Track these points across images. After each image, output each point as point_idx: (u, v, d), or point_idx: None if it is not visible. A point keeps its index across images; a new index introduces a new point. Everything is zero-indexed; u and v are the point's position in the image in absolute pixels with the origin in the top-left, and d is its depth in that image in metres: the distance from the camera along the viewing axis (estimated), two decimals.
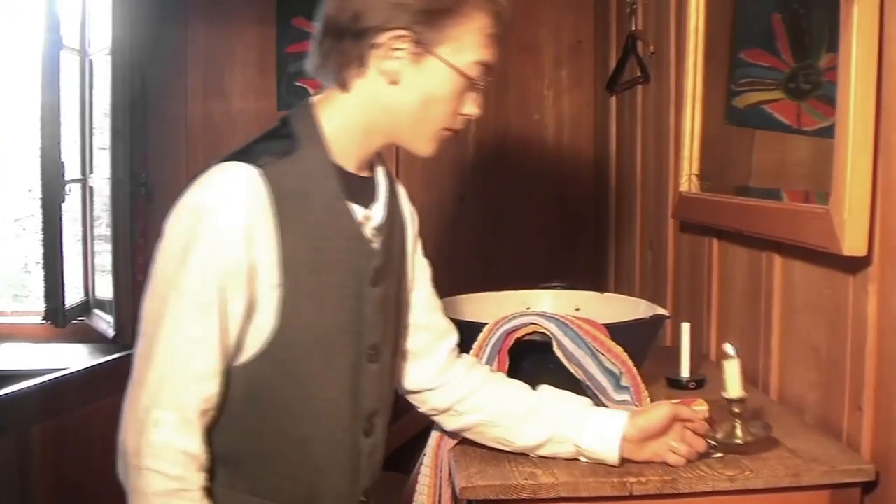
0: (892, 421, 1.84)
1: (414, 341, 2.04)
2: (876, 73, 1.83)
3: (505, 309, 2.23)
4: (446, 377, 2.03)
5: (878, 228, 1.87)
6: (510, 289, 2.81)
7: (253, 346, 1.69)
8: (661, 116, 3.32)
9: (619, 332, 2.12)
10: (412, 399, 2.08)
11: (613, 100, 4.11)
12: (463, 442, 1.99)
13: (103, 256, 4.41)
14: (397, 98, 1.78)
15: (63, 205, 3.95)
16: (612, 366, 2.08)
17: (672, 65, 3.19)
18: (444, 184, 4.58)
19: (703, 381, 2.45)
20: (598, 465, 1.85)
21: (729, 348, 1.91)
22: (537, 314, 2.10)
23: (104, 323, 4.19)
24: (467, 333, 2.08)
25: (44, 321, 4.02)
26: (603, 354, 2.07)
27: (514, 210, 4.66)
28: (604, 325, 2.12)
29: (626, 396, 2.07)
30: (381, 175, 1.91)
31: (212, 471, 1.69)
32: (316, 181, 1.74)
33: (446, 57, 1.75)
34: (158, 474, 1.59)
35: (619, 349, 2.09)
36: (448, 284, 4.49)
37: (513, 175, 4.64)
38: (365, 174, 1.85)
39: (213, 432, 1.69)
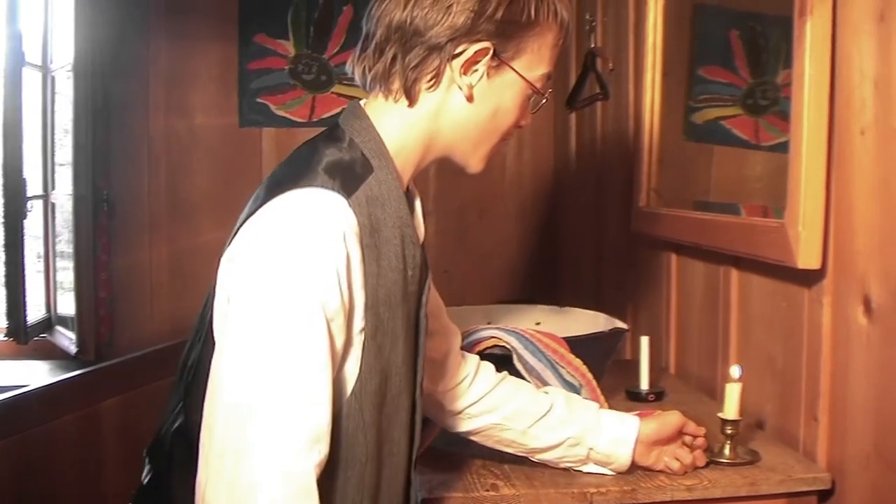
0: (847, 430, 1.86)
1: (429, 348, 1.82)
2: (828, 90, 1.86)
3: (466, 323, 2.24)
4: (457, 379, 1.95)
5: (832, 242, 1.90)
6: (472, 304, 2.83)
7: (340, 397, 1.51)
8: (621, 132, 3.35)
9: (578, 345, 2.14)
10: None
11: (573, 116, 4.13)
12: (426, 455, 2.00)
13: (64, 273, 4.39)
14: (468, 112, 1.67)
15: (24, 221, 3.94)
16: (571, 378, 2.09)
17: (631, 81, 3.22)
18: None
19: (663, 393, 2.47)
20: (558, 477, 1.86)
21: (734, 371, 1.95)
22: (498, 328, 2.12)
23: (66, 339, 4.17)
24: None
25: (6, 338, 4.01)
26: (563, 367, 2.09)
27: (475, 225, 4.67)
28: (564, 338, 2.13)
29: None
30: (413, 188, 1.76)
31: None
32: (390, 207, 1.58)
33: (521, 70, 1.67)
34: None
35: (578, 362, 2.11)
36: None
37: (474, 190, 4.66)
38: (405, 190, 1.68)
39: None
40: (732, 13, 2.59)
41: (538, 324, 2.58)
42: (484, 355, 2.06)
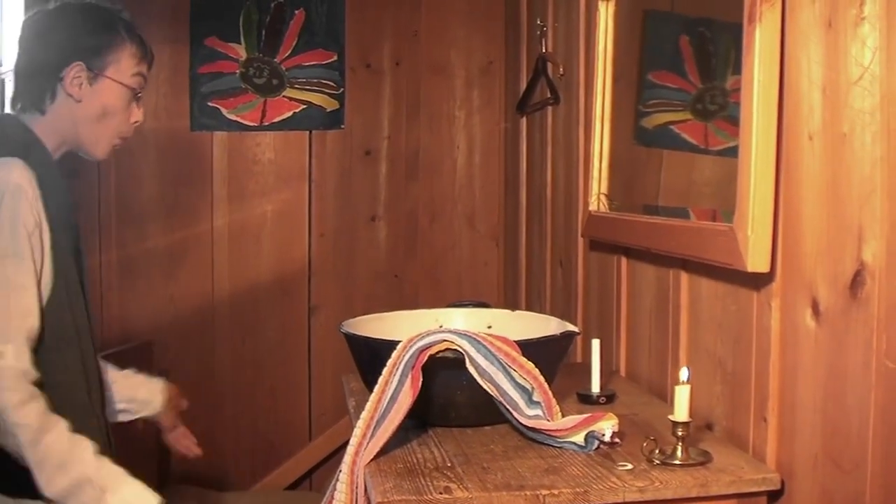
0: (796, 431, 1.89)
1: None
2: (777, 95, 1.88)
3: (418, 327, 2.25)
4: None
5: (781, 245, 1.92)
6: (423, 307, 2.84)
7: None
8: (571, 137, 3.37)
9: (530, 348, 2.15)
10: None
11: (524, 121, 4.14)
12: (378, 458, 2.00)
13: None
14: (80, 113, 2.42)
15: None
16: (523, 381, 2.10)
17: (581, 86, 3.24)
18: (356, 204, 4.59)
19: (614, 395, 2.49)
20: (511, 479, 1.87)
21: (683, 374, 1.96)
22: (450, 331, 2.12)
23: None
24: (381, 352, 2.09)
25: None
26: (515, 370, 2.09)
27: (426, 229, 4.68)
28: (515, 341, 2.14)
29: (537, 412, 2.10)
30: None
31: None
32: (51, 173, 2.34)
33: (113, 76, 2.43)
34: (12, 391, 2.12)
35: (530, 365, 2.11)
36: (361, 304, 4.50)
37: (425, 195, 4.67)
38: None
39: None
40: (682, 19, 2.61)
41: (490, 327, 2.58)
42: (436, 359, 2.06)
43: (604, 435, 2.03)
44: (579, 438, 2.03)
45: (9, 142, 2.32)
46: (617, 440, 2.04)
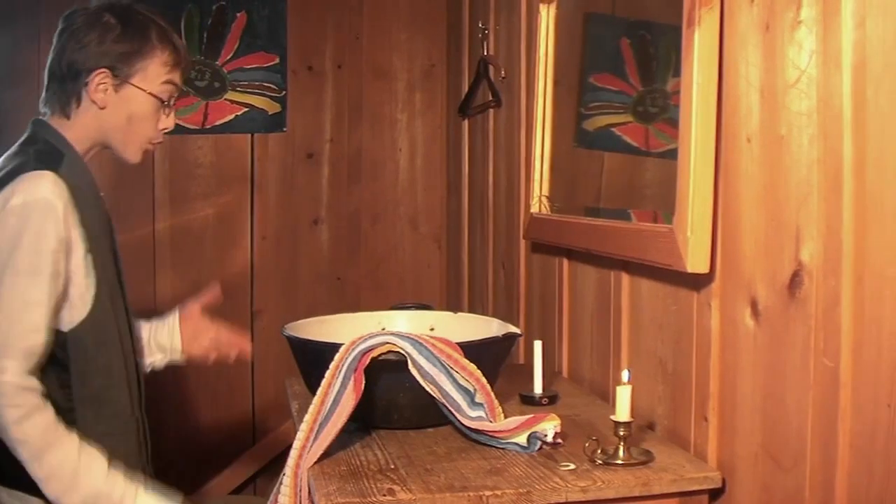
0: (736, 430, 1.90)
1: None
2: (716, 98, 1.90)
3: (360, 330, 2.25)
4: None
5: (720, 246, 1.94)
6: (365, 310, 2.83)
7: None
8: (513, 139, 3.38)
9: (472, 350, 2.15)
10: None
11: (466, 123, 4.15)
12: (322, 461, 2.00)
13: None
14: (107, 120, 2.41)
15: None
16: (466, 383, 2.10)
17: (523, 89, 3.25)
18: (298, 207, 4.58)
19: (556, 397, 2.49)
20: (454, 480, 1.87)
21: (625, 375, 1.98)
22: (392, 334, 2.12)
23: None
24: (323, 354, 2.09)
25: None
26: (457, 372, 2.10)
27: (368, 232, 4.68)
28: (457, 343, 2.14)
29: (480, 413, 2.10)
30: None
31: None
32: (83, 177, 2.37)
33: (139, 84, 2.40)
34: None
35: (472, 367, 2.12)
36: (304, 307, 4.48)
37: (367, 197, 4.67)
38: None
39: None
40: (623, 22, 2.62)
41: (432, 329, 2.59)
42: (378, 361, 2.06)
43: (546, 435, 2.03)
44: (522, 439, 2.04)
45: (41, 150, 2.33)
46: (559, 441, 2.05)
